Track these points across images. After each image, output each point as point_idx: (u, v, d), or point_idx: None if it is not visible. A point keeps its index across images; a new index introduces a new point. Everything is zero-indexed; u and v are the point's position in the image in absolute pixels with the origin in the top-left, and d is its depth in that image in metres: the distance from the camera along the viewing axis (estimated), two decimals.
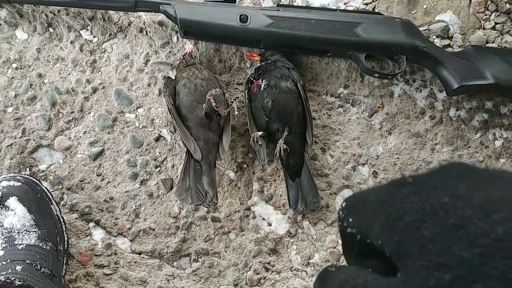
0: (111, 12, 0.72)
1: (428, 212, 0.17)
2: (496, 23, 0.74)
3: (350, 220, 0.22)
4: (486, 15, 0.75)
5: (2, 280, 0.52)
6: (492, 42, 0.74)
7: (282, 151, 0.65)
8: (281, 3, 0.74)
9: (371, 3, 0.74)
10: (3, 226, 0.59)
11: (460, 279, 0.15)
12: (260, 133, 0.67)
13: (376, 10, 0.74)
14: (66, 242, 0.65)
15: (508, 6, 0.74)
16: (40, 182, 0.66)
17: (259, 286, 0.70)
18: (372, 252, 0.22)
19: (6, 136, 0.70)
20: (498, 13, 0.74)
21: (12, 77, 0.71)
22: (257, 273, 0.70)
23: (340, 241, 0.66)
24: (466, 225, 0.16)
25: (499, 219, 0.16)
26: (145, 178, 0.71)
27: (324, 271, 0.22)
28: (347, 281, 0.20)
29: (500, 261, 0.15)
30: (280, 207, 0.71)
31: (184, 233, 0.70)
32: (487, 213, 0.16)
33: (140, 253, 0.70)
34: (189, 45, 0.70)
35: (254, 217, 0.71)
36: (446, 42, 0.73)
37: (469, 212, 0.16)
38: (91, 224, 0.69)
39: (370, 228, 0.20)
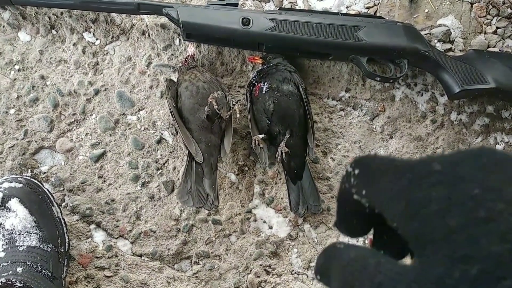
0: (113, 14, 0.72)
1: (455, 203, 0.16)
2: (497, 28, 0.74)
3: (363, 192, 0.20)
4: (487, 19, 0.75)
5: (3, 281, 0.52)
6: (494, 47, 0.74)
7: (283, 154, 0.65)
8: (283, 6, 0.74)
9: (373, 7, 0.75)
10: (4, 227, 0.59)
11: (487, 274, 0.15)
12: (261, 136, 0.67)
13: (378, 14, 0.74)
14: (67, 244, 0.65)
15: (509, 10, 0.74)
16: (41, 183, 0.66)
17: None
18: (378, 222, 0.21)
19: (8, 137, 0.70)
20: (499, 18, 0.74)
21: (15, 79, 0.71)
22: (258, 276, 0.70)
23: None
24: (497, 219, 0.15)
25: None
26: (146, 180, 0.71)
27: (331, 247, 0.21)
28: (357, 260, 0.19)
29: None
30: (281, 210, 0.71)
31: (185, 236, 0.70)
32: None
33: (141, 256, 0.70)
34: (191, 48, 0.70)
35: (255, 220, 0.71)
36: (448, 46, 0.74)
37: (500, 206, 0.16)
38: (92, 226, 0.69)
39: (385, 208, 0.19)
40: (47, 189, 0.65)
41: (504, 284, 0.15)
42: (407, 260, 0.20)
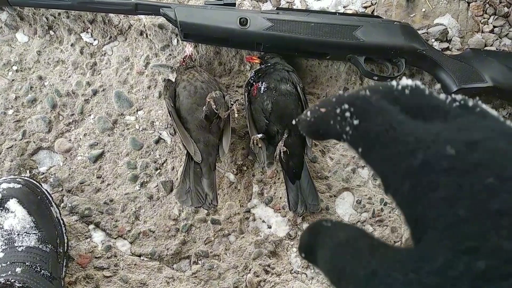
0: (111, 15, 0.72)
1: (467, 191, 0.15)
2: (494, 26, 0.75)
3: (359, 150, 0.18)
4: (484, 18, 0.75)
5: (2, 282, 0.52)
6: (491, 45, 0.74)
7: (282, 153, 0.65)
8: (280, 6, 0.74)
9: (370, 6, 0.75)
10: (3, 228, 0.59)
11: (495, 269, 0.14)
12: (260, 135, 0.67)
13: (375, 14, 0.74)
14: (66, 244, 0.65)
15: (506, 9, 0.74)
16: (40, 184, 0.66)
17: None
18: None
19: (7, 138, 0.70)
20: (496, 17, 0.75)
21: (13, 80, 0.71)
22: (257, 276, 0.70)
23: None
24: (510, 213, 0.14)
25: None
26: (145, 180, 0.71)
27: (316, 225, 0.20)
28: (348, 242, 0.18)
29: None
30: (280, 209, 0.72)
31: (184, 236, 0.70)
32: None
33: (140, 256, 0.70)
34: (189, 48, 0.70)
35: (254, 220, 0.71)
36: (445, 45, 0.74)
37: None
38: (91, 226, 0.69)
39: (389, 182, 0.17)
40: (46, 190, 0.65)
41: None
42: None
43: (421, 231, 0.16)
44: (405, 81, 0.19)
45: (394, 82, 0.19)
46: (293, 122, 0.24)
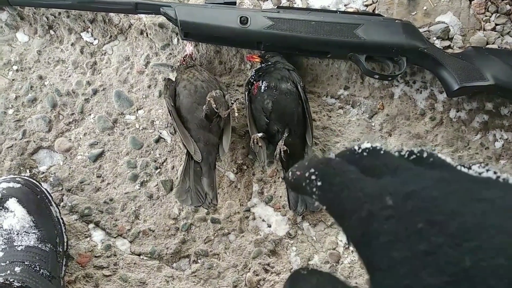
0: (111, 14, 0.72)
1: (402, 236, 0.17)
2: (496, 24, 0.74)
3: (324, 207, 0.21)
4: (486, 16, 0.74)
5: (1, 281, 0.52)
6: (493, 43, 0.74)
7: (282, 152, 0.65)
8: (281, 4, 0.74)
9: (371, 4, 0.74)
10: (2, 227, 0.59)
11: None
12: (260, 134, 0.66)
13: (376, 12, 0.74)
14: (65, 244, 0.65)
15: (508, 7, 0.74)
16: (40, 183, 0.66)
17: (258, 287, 0.70)
18: None
19: (7, 137, 0.70)
20: (498, 14, 0.74)
21: (13, 79, 0.71)
22: (257, 275, 0.70)
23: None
24: (436, 252, 0.16)
25: (469, 248, 0.16)
26: (145, 179, 0.71)
27: (296, 273, 0.22)
28: (318, 285, 0.20)
29: None
30: (280, 208, 0.71)
31: (183, 235, 0.70)
32: (459, 241, 0.16)
33: (139, 255, 0.70)
34: (189, 47, 0.70)
35: (254, 219, 0.71)
36: (446, 43, 0.73)
37: (440, 240, 0.16)
38: (91, 226, 0.69)
39: (345, 230, 0.20)
40: (46, 189, 0.65)
41: None
42: None
43: (371, 273, 0.18)
44: (365, 145, 0.22)
45: (356, 146, 0.22)
46: (281, 178, 0.29)
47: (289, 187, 0.24)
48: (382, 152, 0.22)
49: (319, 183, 0.21)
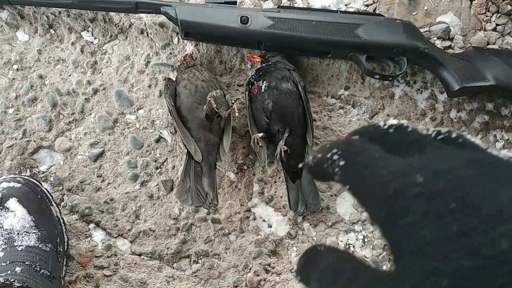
0: (112, 13, 0.72)
1: (432, 216, 0.16)
2: (497, 25, 0.74)
3: (347, 186, 0.20)
4: (487, 16, 0.74)
5: (2, 281, 0.52)
6: (493, 44, 0.74)
7: (282, 152, 0.65)
8: (281, 4, 0.74)
9: (372, 4, 0.74)
10: (2, 227, 0.59)
11: (457, 287, 0.15)
12: (260, 134, 0.66)
13: (377, 12, 0.74)
14: (66, 244, 0.65)
15: (509, 7, 0.74)
16: (40, 183, 0.66)
17: (259, 287, 0.70)
18: None
19: (7, 137, 0.70)
20: (499, 15, 0.74)
21: (13, 78, 0.71)
22: (257, 275, 0.70)
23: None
24: (470, 234, 0.16)
25: (505, 232, 0.15)
26: (145, 179, 0.70)
27: (311, 249, 0.22)
28: (335, 263, 0.19)
29: (501, 275, 0.15)
30: (280, 208, 0.71)
31: (184, 235, 0.70)
32: (495, 224, 0.15)
33: (140, 255, 0.70)
34: (189, 47, 0.70)
35: (255, 219, 0.71)
36: (447, 43, 0.73)
37: (475, 221, 0.16)
38: (91, 226, 0.69)
39: (369, 210, 0.19)
40: (46, 189, 0.65)
41: None
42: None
43: (397, 254, 0.17)
44: (391, 121, 0.22)
45: (381, 123, 0.22)
46: (299, 165, 0.29)
47: (310, 172, 0.23)
48: (409, 129, 0.21)
49: (341, 163, 0.20)
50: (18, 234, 0.58)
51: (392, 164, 0.19)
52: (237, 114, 0.65)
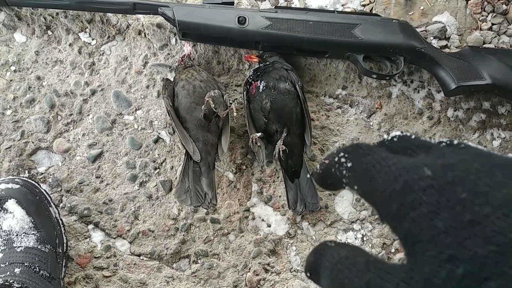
0: (109, 14, 0.72)
1: (444, 206, 0.17)
2: (492, 24, 0.75)
3: (355, 187, 0.21)
4: (483, 16, 0.75)
5: (1, 282, 0.52)
6: (489, 43, 0.74)
7: (281, 152, 0.65)
8: (279, 4, 0.74)
9: (368, 4, 0.75)
10: (1, 228, 0.58)
11: (472, 274, 0.15)
12: (259, 134, 0.67)
13: (374, 12, 0.74)
14: (65, 245, 0.65)
15: (504, 7, 0.74)
16: (38, 184, 0.66)
17: (258, 287, 0.70)
18: None
19: (5, 138, 0.70)
20: (494, 14, 0.75)
21: (11, 80, 0.71)
22: (257, 274, 0.70)
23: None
24: (482, 222, 0.16)
25: None
26: (144, 180, 0.71)
27: (321, 245, 0.22)
28: (347, 258, 0.20)
29: None
30: (279, 208, 0.72)
31: (183, 235, 0.70)
32: (507, 212, 0.16)
33: (139, 255, 0.70)
34: (187, 47, 0.70)
35: (254, 218, 0.71)
36: (443, 43, 0.74)
37: (487, 210, 0.16)
38: (90, 226, 0.69)
39: (378, 207, 0.19)
40: (44, 190, 0.65)
41: (488, 285, 0.15)
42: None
43: (410, 245, 0.18)
44: (394, 132, 0.23)
45: (385, 136, 0.23)
46: (308, 176, 0.27)
47: (318, 181, 0.24)
48: (413, 137, 0.22)
49: (349, 164, 0.21)
50: (17, 235, 0.58)
51: (400, 162, 0.19)
52: (235, 114, 0.65)
